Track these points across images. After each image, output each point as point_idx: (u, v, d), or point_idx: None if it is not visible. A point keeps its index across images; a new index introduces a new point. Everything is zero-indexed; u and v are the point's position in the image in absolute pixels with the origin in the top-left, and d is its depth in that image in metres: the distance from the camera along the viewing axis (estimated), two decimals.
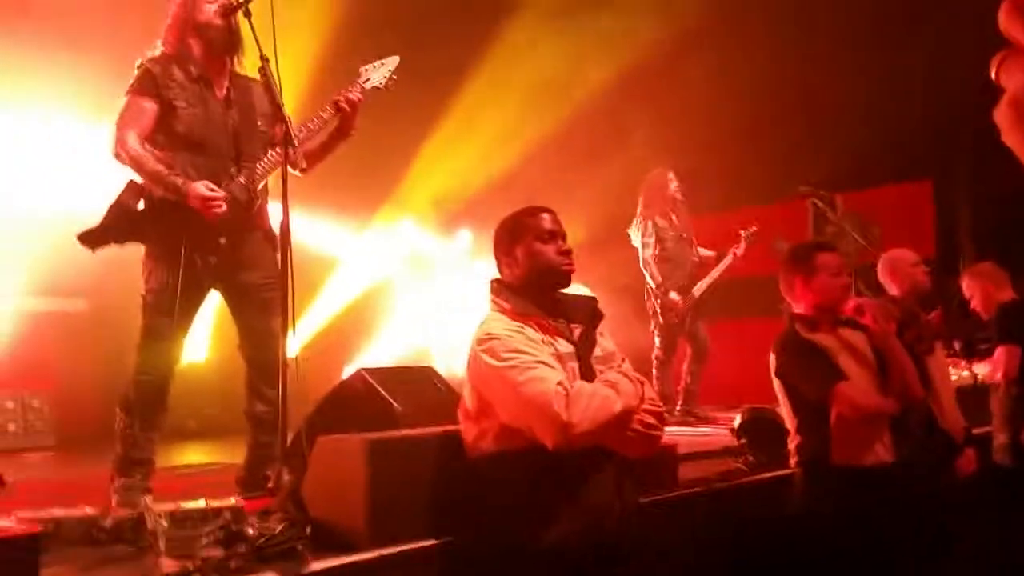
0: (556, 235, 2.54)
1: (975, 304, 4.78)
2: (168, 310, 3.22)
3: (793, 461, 3.27)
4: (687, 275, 6.24)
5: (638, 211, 6.34)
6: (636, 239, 6.32)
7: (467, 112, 8.15)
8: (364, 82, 3.38)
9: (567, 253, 2.53)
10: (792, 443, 3.27)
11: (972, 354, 5.27)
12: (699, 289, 6.25)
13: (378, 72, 3.40)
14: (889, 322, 3.60)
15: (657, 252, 6.16)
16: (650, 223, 6.19)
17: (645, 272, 6.21)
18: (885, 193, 8.30)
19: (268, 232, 3.48)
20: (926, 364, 3.75)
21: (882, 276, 4.10)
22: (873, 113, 7.50)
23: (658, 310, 6.19)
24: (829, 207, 6.58)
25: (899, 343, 3.25)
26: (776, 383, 3.28)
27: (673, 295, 6.09)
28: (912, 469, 3.17)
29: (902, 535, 3.02)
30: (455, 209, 9.07)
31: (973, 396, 4.71)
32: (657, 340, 6.23)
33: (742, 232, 6.36)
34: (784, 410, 3.32)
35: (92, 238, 3.23)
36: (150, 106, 3.26)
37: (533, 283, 2.51)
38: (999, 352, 4.55)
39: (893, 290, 4.02)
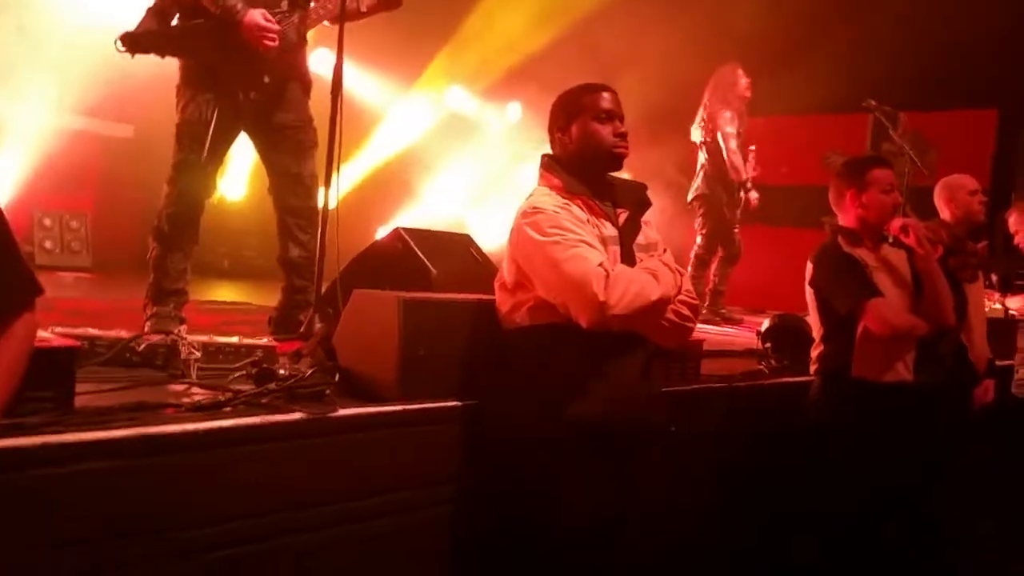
0: (613, 116, 2.47)
1: (1019, 240, 4.69)
2: (203, 143, 3.18)
3: (813, 368, 3.30)
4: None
5: (703, 106, 6.13)
6: (698, 135, 6.14)
7: None
8: None
9: (622, 136, 2.47)
10: (815, 351, 3.29)
11: (1008, 288, 5.19)
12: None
13: None
14: (935, 246, 3.54)
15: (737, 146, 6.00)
16: (731, 114, 5.98)
17: (729, 162, 5.98)
18: (949, 117, 8.03)
19: (305, 79, 3.41)
20: (965, 292, 3.70)
21: (938, 199, 4.00)
22: (948, 35, 7.16)
23: (724, 206, 6.05)
24: (891, 124, 6.37)
25: (939, 268, 3.21)
26: (808, 292, 3.28)
27: (754, 193, 5.99)
28: (936, 393, 3.18)
29: (912, 455, 3.06)
30: (504, 75, 8.81)
31: (1001, 328, 4.68)
32: (700, 238, 6.16)
33: (748, 150, 6.18)
34: (812, 319, 3.32)
35: (131, 41, 3.16)
36: None
37: (584, 162, 2.46)
38: None
39: (946, 214, 3.93)
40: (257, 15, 3.12)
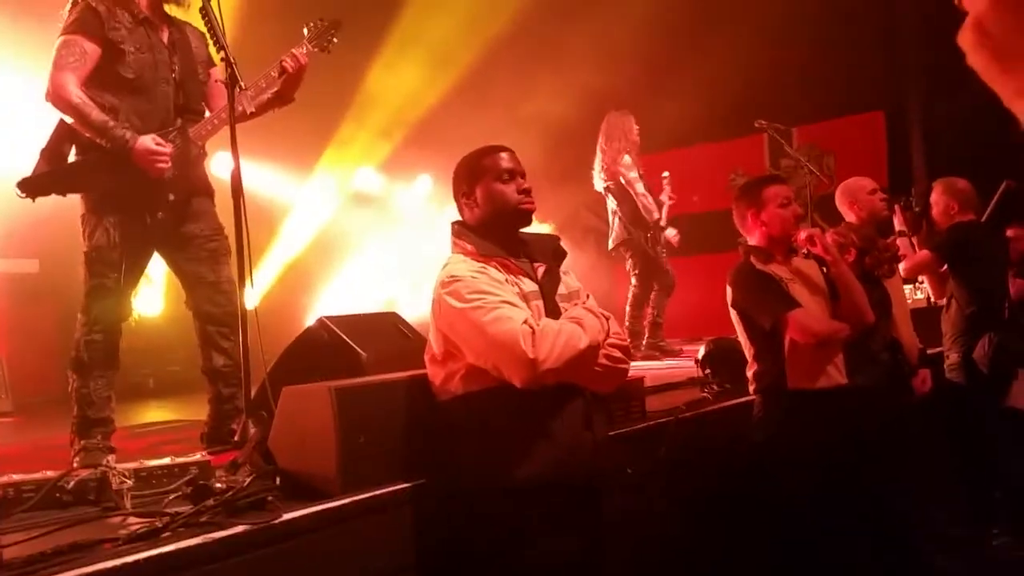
0: (515, 173, 2.50)
1: (936, 212, 4.83)
2: (115, 267, 3.14)
3: (752, 388, 3.34)
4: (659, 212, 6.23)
5: (601, 150, 6.24)
6: (601, 182, 6.24)
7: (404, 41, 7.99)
8: (309, 42, 3.29)
9: (527, 191, 2.50)
10: (750, 371, 3.33)
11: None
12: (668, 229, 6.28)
13: (321, 33, 3.33)
14: (848, 249, 3.65)
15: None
16: (628, 158, 6.10)
17: (640, 204, 6.07)
18: (839, 125, 8.37)
19: (209, 190, 3.41)
20: (885, 289, 3.81)
21: (840, 204, 4.13)
22: (827, 47, 7.49)
23: (647, 245, 6.14)
24: (785, 140, 6.61)
25: (849, 270, 3.31)
26: (733, 314, 3.34)
27: (671, 230, 6.08)
28: (875, 391, 3.24)
29: (858, 454, 3.10)
30: (406, 147, 8.84)
31: (925, 317, 4.82)
32: (634, 279, 6.23)
33: (662, 178, 6.35)
34: (742, 339, 3.37)
35: (30, 186, 3.10)
36: (92, 48, 3.11)
37: (494, 223, 2.48)
38: (924, 253, 4.65)
39: (851, 217, 4.06)
40: (148, 141, 3.10)
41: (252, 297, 2.85)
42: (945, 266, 4.64)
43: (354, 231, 8.96)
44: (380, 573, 2.30)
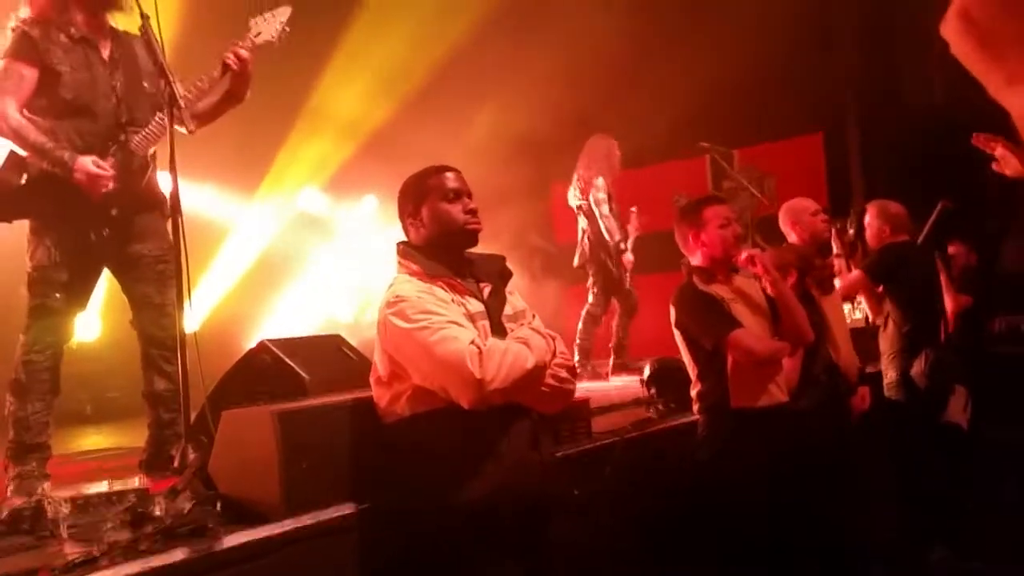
0: (461, 194, 2.51)
1: (869, 235, 4.93)
2: (59, 286, 3.09)
3: (696, 407, 3.36)
4: (624, 236, 6.30)
5: (579, 172, 6.29)
6: (575, 199, 6.28)
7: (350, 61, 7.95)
8: (254, 36, 3.23)
9: (473, 212, 2.50)
10: (693, 390, 3.36)
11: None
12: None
13: (269, 25, 3.25)
14: (789, 269, 3.72)
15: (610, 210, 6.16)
16: (601, 180, 6.15)
17: (602, 226, 6.12)
18: (779, 147, 8.55)
19: (158, 202, 3.35)
20: (822, 310, 3.88)
21: (783, 225, 4.20)
22: (767, 70, 7.65)
23: (611, 265, 6.19)
24: (727, 162, 6.74)
25: (789, 290, 3.36)
26: (676, 334, 3.36)
27: (629, 255, 6.14)
28: (816, 413, 3.29)
29: (802, 472, 3.14)
30: (350, 168, 8.78)
31: (864, 336, 4.92)
32: (592, 297, 6.26)
33: (631, 211, 6.45)
34: (685, 359, 3.39)
35: None
36: (30, 73, 3.09)
37: (440, 243, 2.48)
38: (857, 273, 4.75)
39: (793, 237, 4.12)
40: (87, 163, 3.05)
41: (193, 320, 2.81)
42: (881, 286, 4.74)
43: (298, 252, 8.85)
44: None
